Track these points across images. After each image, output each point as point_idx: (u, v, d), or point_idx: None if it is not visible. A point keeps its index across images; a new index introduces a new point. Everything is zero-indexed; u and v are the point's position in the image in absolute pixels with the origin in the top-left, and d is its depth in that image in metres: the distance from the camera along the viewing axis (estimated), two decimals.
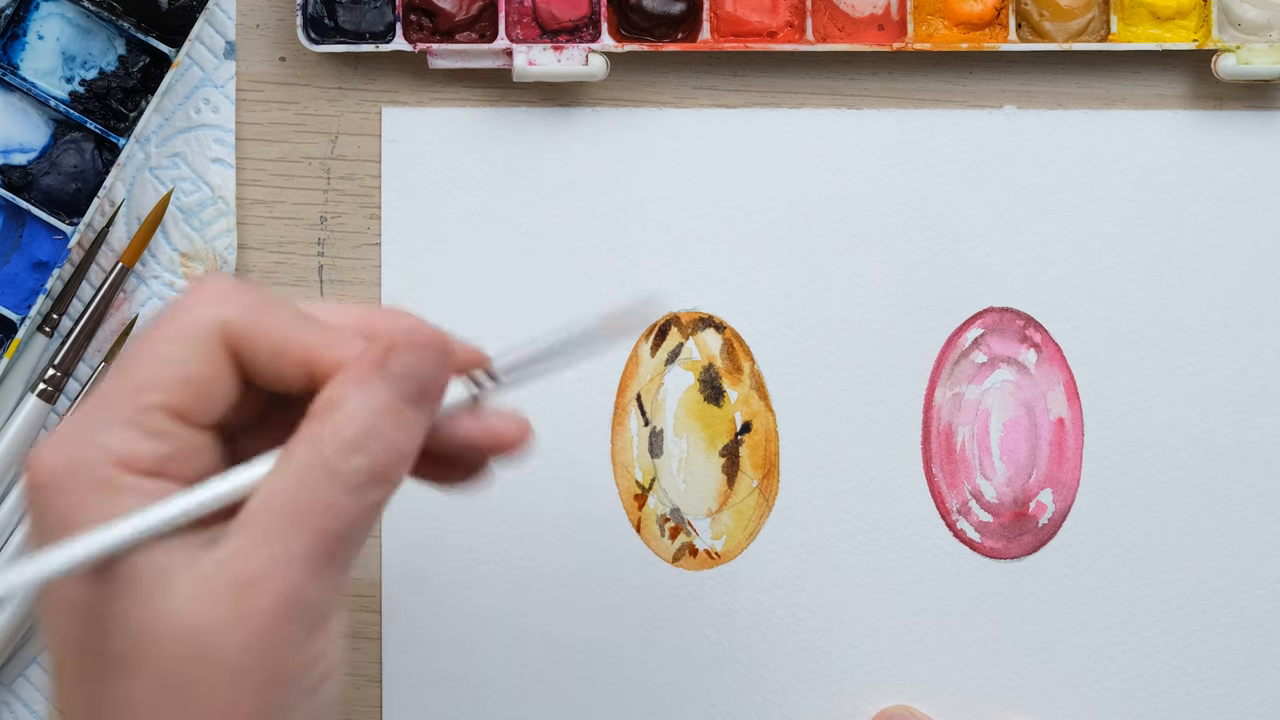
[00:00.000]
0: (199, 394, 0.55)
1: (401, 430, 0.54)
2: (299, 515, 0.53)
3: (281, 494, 0.53)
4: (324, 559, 0.53)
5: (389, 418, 0.54)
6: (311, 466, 0.53)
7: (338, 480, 0.53)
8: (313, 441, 0.54)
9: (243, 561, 0.53)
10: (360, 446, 0.54)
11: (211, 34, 0.71)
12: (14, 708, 0.71)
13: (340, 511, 0.53)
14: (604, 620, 0.71)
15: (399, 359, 0.55)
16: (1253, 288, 0.71)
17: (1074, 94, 0.72)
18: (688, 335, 0.71)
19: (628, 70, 0.72)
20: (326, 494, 0.53)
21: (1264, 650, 0.70)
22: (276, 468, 0.54)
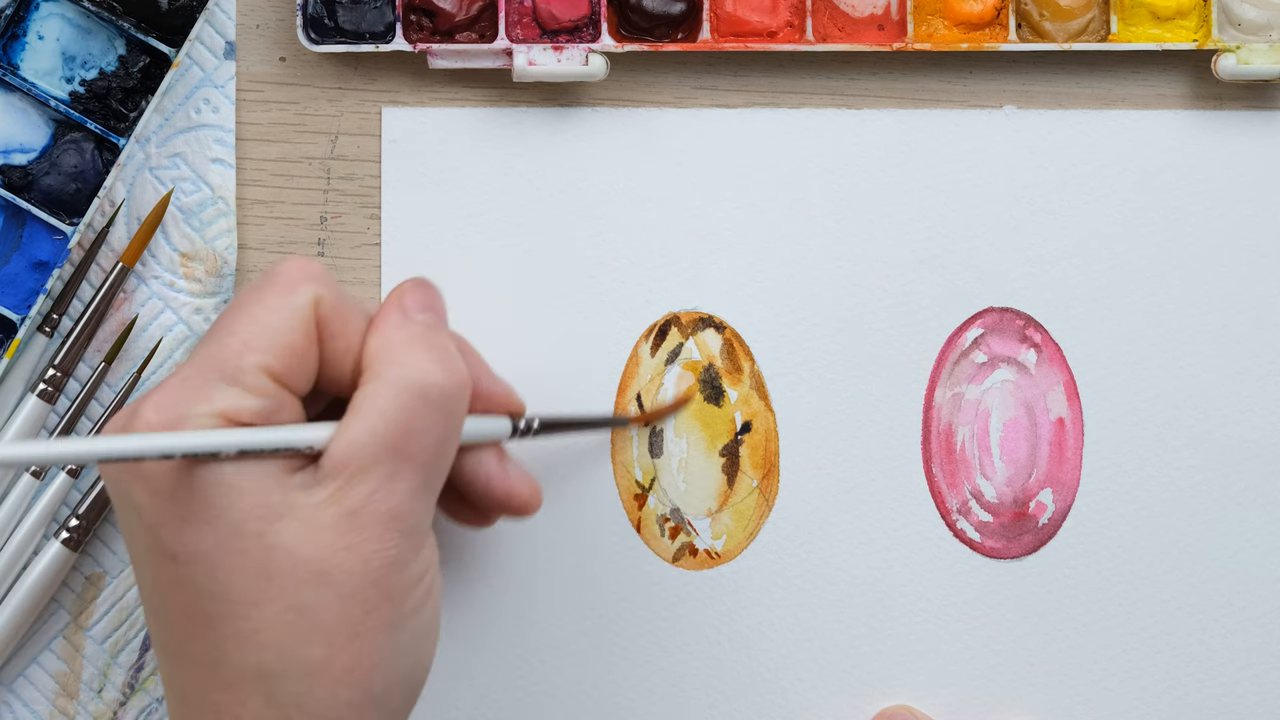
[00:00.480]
0: (297, 361, 0.60)
1: (448, 342, 0.61)
2: (396, 446, 0.58)
3: (372, 432, 0.58)
4: (421, 482, 0.59)
5: (436, 337, 0.61)
6: (397, 399, 0.59)
7: (426, 399, 0.59)
8: (387, 379, 0.59)
9: (347, 494, 0.58)
10: (436, 360, 0.60)
11: (211, 34, 0.71)
12: (14, 708, 0.71)
13: (432, 431, 0.59)
14: (604, 620, 0.71)
15: (411, 299, 0.62)
16: (1253, 288, 0.71)
17: (1074, 94, 0.72)
18: (688, 335, 0.71)
19: (628, 70, 0.72)
20: (418, 419, 0.59)
21: (1264, 650, 0.70)
22: (356, 414, 0.59)
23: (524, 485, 0.65)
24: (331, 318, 0.60)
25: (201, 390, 0.58)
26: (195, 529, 0.58)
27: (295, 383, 0.60)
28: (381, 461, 0.58)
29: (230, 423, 0.58)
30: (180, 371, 0.59)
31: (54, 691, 0.71)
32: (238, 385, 0.58)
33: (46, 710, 0.71)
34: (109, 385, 0.71)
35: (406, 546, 0.59)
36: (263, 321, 0.59)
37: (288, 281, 0.60)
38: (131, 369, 0.71)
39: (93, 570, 0.71)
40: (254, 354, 0.59)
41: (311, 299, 0.60)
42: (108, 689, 0.71)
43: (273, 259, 0.72)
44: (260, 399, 0.59)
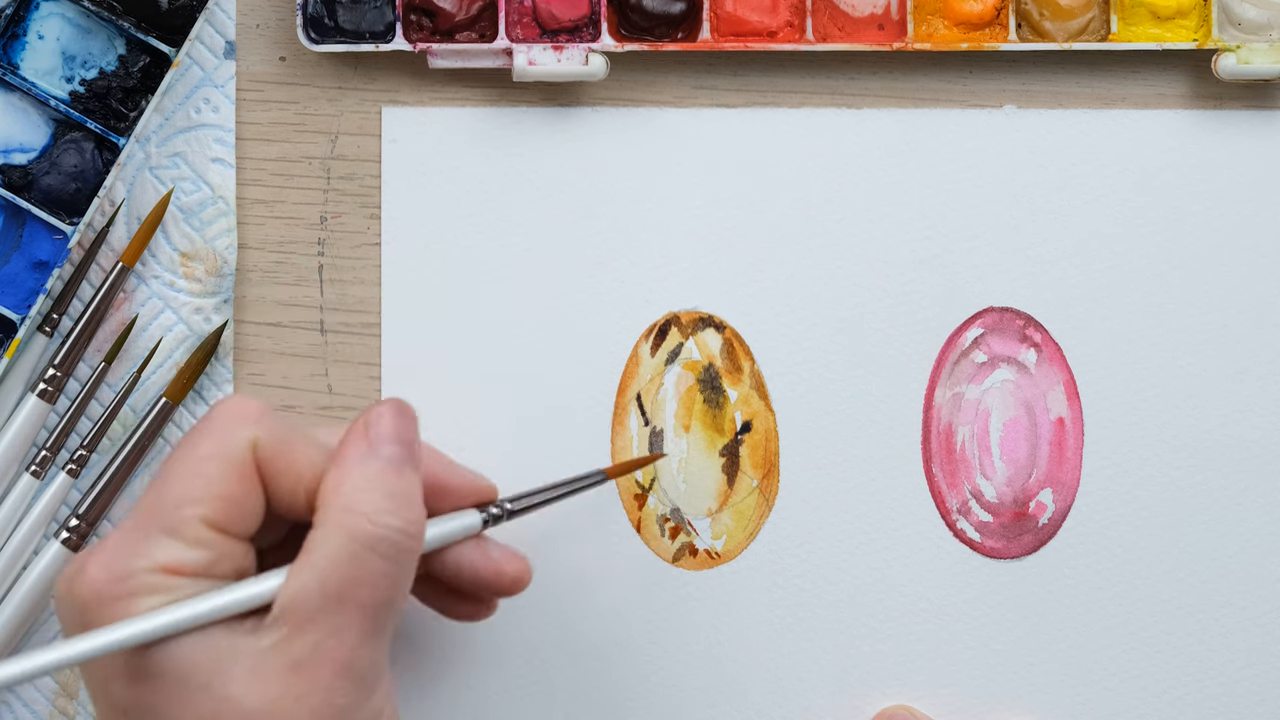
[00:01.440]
0: (236, 508, 0.59)
1: (410, 486, 0.60)
2: (343, 593, 0.58)
3: (319, 580, 0.58)
4: (372, 627, 0.58)
5: (396, 479, 0.60)
6: (345, 546, 0.58)
7: (374, 549, 0.58)
8: (337, 525, 0.58)
9: (295, 643, 0.57)
10: (386, 509, 0.59)
11: (211, 34, 0.71)
12: (14, 708, 0.71)
13: (380, 580, 0.58)
14: (604, 620, 0.71)
15: (377, 429, 0.60)
16: (1253, 288, 0.71)
17: (1074, 94, 0.72)
18: (688, 335, 0.71)
19: (628, 70, 0.72)
20: (365, 568, 0.58)
21: (1264, 650, 0.70)
22: (306, 560, 0.58)
23: (510, 563, 0.64)
24: (272, 458, 0.60)
25: (143, 545, 0.58)
26: (143, 684, 0.58)
27: (237, 529, 0.59)
28: (329, 611, 0.58)
29: (173, 575, 0.58)
30: (124, 524, 0.59)
31: (54, 691, 0.71)
32: (177, 538, 0.58)
33: (46, 710, 0.71)
34: (109, 385, 0.71)
35: (357, 694, 0.58)
36: (198, 472, 0.59)
37: (221, 426, 0.60)
38: (131, 369, 0.71)
39: None
40: (191, 506, 0.59)
41: (248, 444, 0.60)
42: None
43: (273, 259, 0.72)
44: (201, 550, 0.58)
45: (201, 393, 0.71)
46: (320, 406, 0.71)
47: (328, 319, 0.72)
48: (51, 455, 0.70)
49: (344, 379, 0.71)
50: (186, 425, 0.71)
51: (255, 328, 0.72)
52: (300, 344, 0.72)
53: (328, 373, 0.72)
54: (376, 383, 0.71)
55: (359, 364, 0.71)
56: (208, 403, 0.71)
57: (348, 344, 0.72)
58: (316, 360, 0.72)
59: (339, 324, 0.72)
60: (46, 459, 0.70)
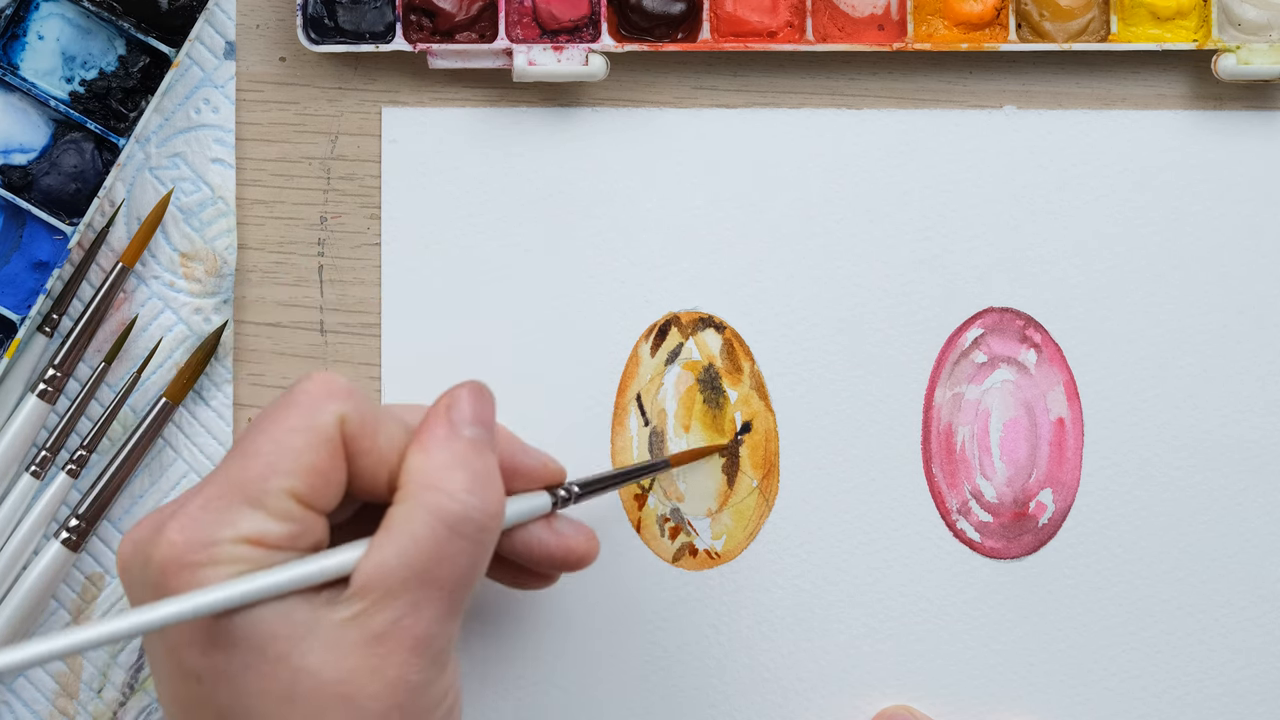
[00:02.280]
0: (322, 482, 0.59)
1: (491, 468, 0.60)
2: (426, 570, 0.58)
3: (401, 556, 0.58)
4: (448, 608, 0.59)
5: (479, 461, 0.60)
6: (429, 525, 0.58)
7: (458, 530, 0.59)
8: (421, 503, 0.59)
9: (374, 617, 0.58)
10: (472, 491, 0.59)
11: (211, 34, 0.71)
12: (14, 708, 0.71)
13: (461, 559, 0.59)
14: (604, 620, 0.71)
15: (459, 410, 0.61)
16: (1253, 288, 0.71)
17: (1074, 94, 0.72)
18: (688, 335, 0.71)
19: (628, 70, 0.72)
20: (448, 547, 0.59)
21: (1264, 650, 0.70)
22: (387, 536, 0.58)
23: (579, 539, 0.65)
24: (359, 435, 0.60)
25: (225, 514, 0.58)
26: (219, 651, 0.58)
27: (321, 503, 0.59)
28: (410, 587, 0.58)
29: (256, 546, 0.58)
30: (203, 491, 0.59)
31: (54, 691, 0.71)
32: (262, 509, 0.58)
33: (46, 710, 0.71)
34: (109, 385, 0.71)
35: (431, 670, 0.59)
36: (286, 444, 0.59)
37: (311, 401, 0.60)
38: (131, 369, 0.71)
39: (93, 570, 0.71)
40: (278, 477, 0.59)
41: (336, 418, 0.60)
42: (107, 689, 0.71)
43: (273, 259, 0.72)
44: (285, 523, 0.58)
45: (201, 393, 0.71)
46: None
47: (328, 319, 0.72)
48: (51, 455, 0.70)
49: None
50: (186, 425, 0.71)
51: (255, 328, 0.72)
52: (300, 344, 0.72)
53: None
54: (376, 383, 0.71)
55: (359, 364, 0.71)
56: (208, 403, 0.71)
57: (348, 344, 0.72)
58: (316, 360, 0.72)
59: (339, 324, 0.72)
60: (46, 459, 0.70)
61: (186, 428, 0.71)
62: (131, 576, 0.59)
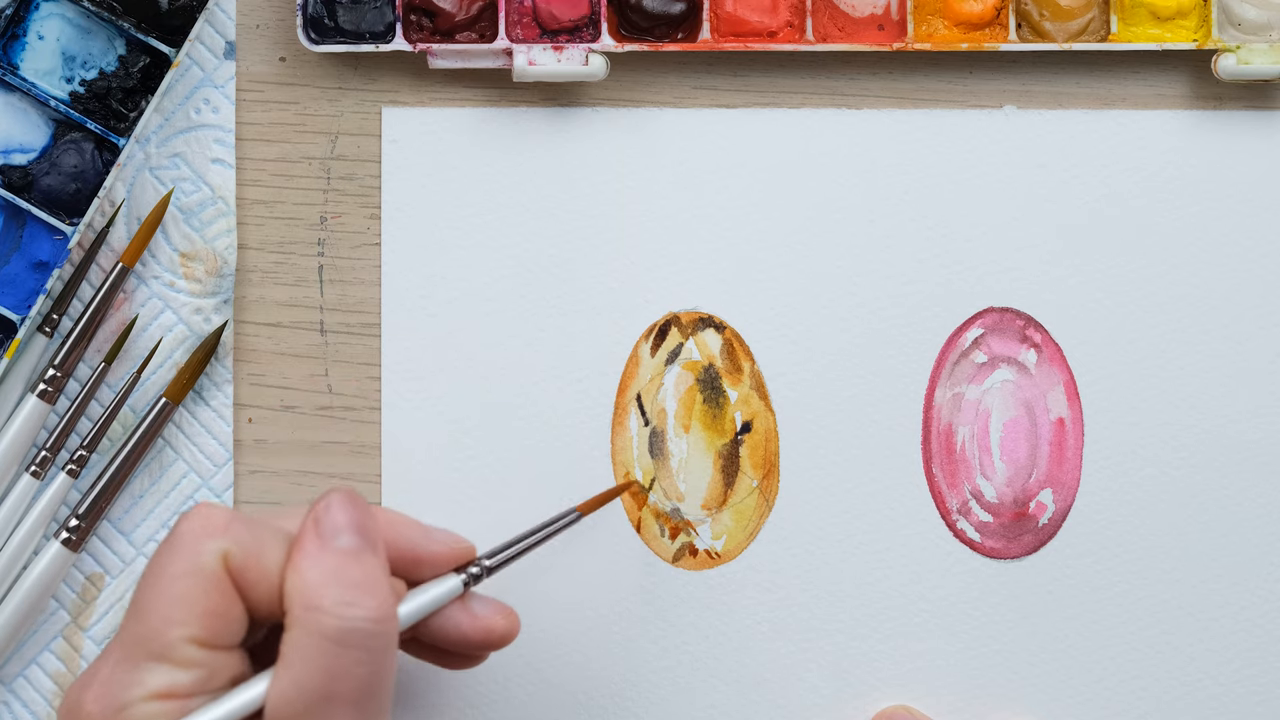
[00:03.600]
0: (219, 623, 0.59)
1: (368, 573, 0.59)
2: (324, 691, 0.58)
3: (297, 683, 0.58)
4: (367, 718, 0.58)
5: (353, 569, 0.59)
6: (315, 645, 0.58)
7: (344, 643, 0.58)
8: (303, 626, 0.58)
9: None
10: (347, 601, 0.58)
11: (211, 34, 0.71)
12: (14, 708, 0.71)
13: (356, 671, 0.58)
14: (604, 620, 0.71)
15: (326, 521, 0.60)
16: (1253, 288, 0.71)
17: (1074, 94, 0.72)
18: (688, 335, 0.71)
19: (628, 70, 0.72)
20: (339, 662, 0.58)
21: (1264, 650, 0.70)
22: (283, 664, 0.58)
23: (496, 619, 0.64)
24: (244, 567, 0.59)
25: (133, 674, 0.58)
26: None
27: (224, 641, 0.59)
28: (315, 712, 0.58)
29: (168, 700, 0.58)
30: (110, 655, 0.59)
31: (53, 692, 0.71)
32: (167, 662, 0.58)
33: (46, 710, 0.71)
34: (109, 385, 0.71)
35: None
36: (175, 593, 0.59)
37: (191, 542, 0.59)
38: (131, 369, 0.71)
39: (93, 570, 0.71)
40: (175, 628, 0.58)
41: (218, 557, 0.59)
42: None
43: (273, 259, 0.72)
44: (193, 670, 0.58)
45: (201, 393, 0.71)
46: (320, 406, 0.71)
47: (328, 319, 0.72)
48: (51, 455, 0.70)
49: (344, 379, 0.71)
50: (186, 425, 0.71)
51: (255, 328, 0.72)
52: (300, 344, 0.72)
53: (328, 373, 0.72)
54: (376, 383, 0.71)
55: (359, 364, 0.71)
56: (208, 403, 0.71)
57: (348, 344, 0.72)
58: (316, 360, 0.72)
59: (339, 324, 0.72)
60: (46, 459, 0.70)
61: (186, 428, 0.71)
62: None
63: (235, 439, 0.71)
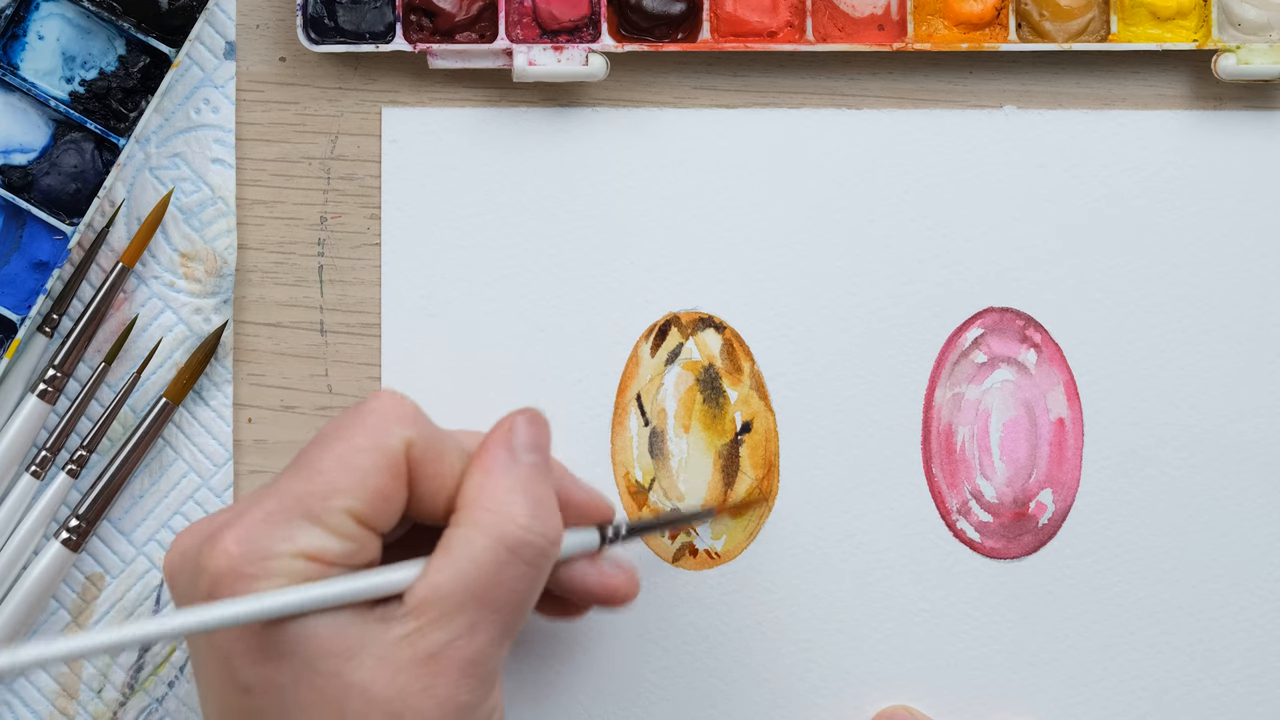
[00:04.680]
0: (383, 505, 0.59)
1: (551, 496, 0.61)
2: (484, 593, 0.58)
3: (459, 578, 0.58)
4: (501, 631, 0.59)
5: (540, 488, 0.60)
6: (489, 548, 0.59)
7: (518, 554, 0.59)
8: (482, 527, 0.59)
9: (428, 636, 0.58)
10: (536, 516, 0.59)
11: (211, 34, 0.71)
12: (14, 708, 0.71)
13: (519, 584, 0.59)
14: (604, 620, 0.71)
15: (519, 436, 0.61)
16: (1253, 288, 0.71)
17: (1074, 94, 0.72)
18: (688, 335, 0.71)
19: (628, 70, 0.72)
20: (507, 571, 0.59)
21: (1264, 650, 0.70)
22: (445, 557, 0.59)
23: (621, 578, 0.65)
24: (423, 460, 0.60)
25: (284, 528, 0.58)
26: (271, 662, 0.58)
27: (379, 524, 0.60)
28: (466, 609, 0.58)
29: (313, 562, 0.58)
30: (263, 504, 0.59)
31: (54, 692, 0.71)
32: (321, 526, 0.58)
33: (46, 710, 0.71)
34: (109, 385, 0.71)
35: (480, 691, 0.59)
36: (351, 464, 0.59)
37: (379, 422, 0.60)
38: (131, 369, 0.71)
39: (93, 570, 0.71)
40: (341, 497, 0.59)
41: (403, 442, 0.60)
42: (107, 689, 0.71)
43: (273, 259, 0.72)
44: (344, 541, 0.59)
45: (201, 393, 0.71)
46: (320, 407, 0.71)
47: (328, 319, 0.72)
48: (51, 455, 0.70)
49: (344, 379, 0.71)
50: (186, 425, 0.71)
51: (255, 328, 0.72)
52: (300, 344, 0.72)
53: (328, 373, 0.72)
54: (376, 383, 0.71)
55: (359, 364, 0.71)
56: (208, 403, 0.71)
57: (348, 344, 0.72)
58: (316, 360, 0.72)
59: (339, 324, 0.72)
60: (46, 459, 0.70)
61: (186, 428, 0.71)
62: (180, 585, 0.59)
63: (235, 439, 0.71)
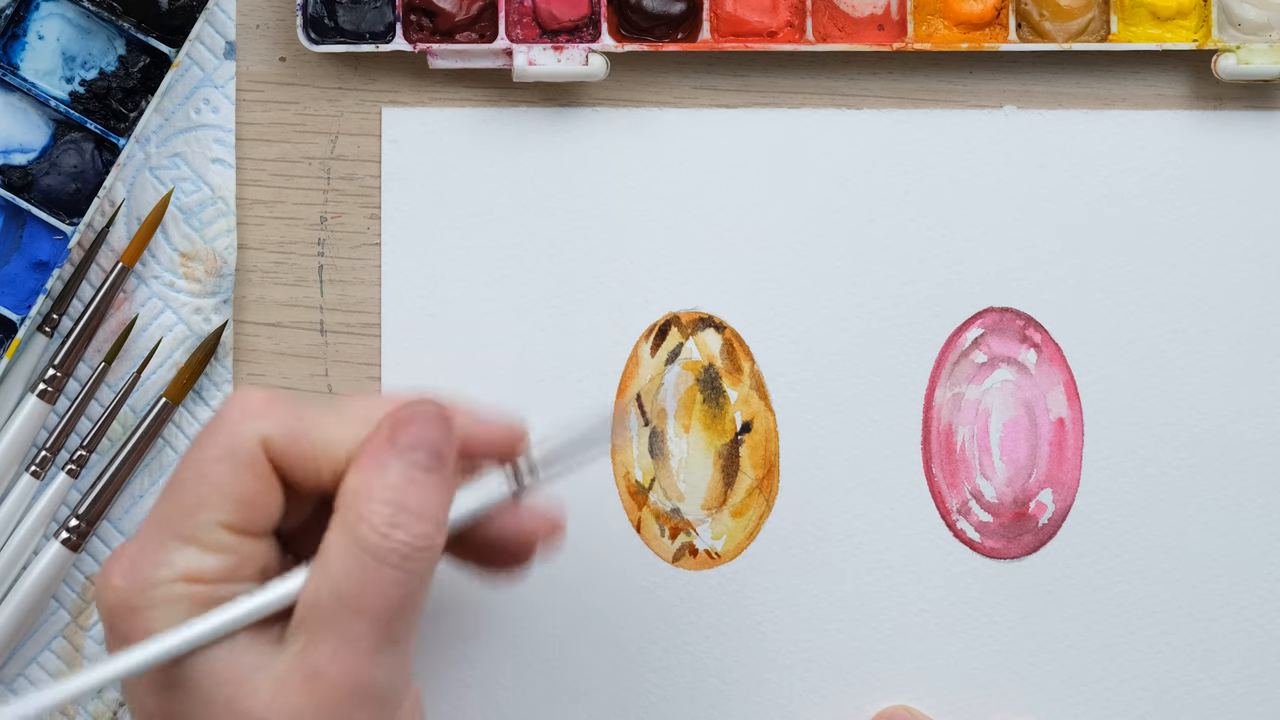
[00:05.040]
0: (252, 509, 0.58)
1: (427, 497, 0.57)
2: (353, 602, 0.56)
3: (331, 586, 0.56)
4: (385, 638, 0.57)
5: (412, 489, 0.57)
6: (354, 554, 0.57)
7: (382, 560, 0.56)
8: (348, 531, 0.57)
9: (311, 654, 0.56)
10: (395, 523, 0.57)
11: (211, 34, 0.71)
12: None
13: (390, 589, 0.57)
14: (603, 620, 0.71)
15: (405, 433, 0.58)
16: (1253, 288, 0.71)
17: (1074, 94, 0.72)
18: (688, 335, 0.71)
19: (628, 70, 0.72)
20: (374, 576, 0.56)
21: (1264, 650, 0.70)
22: (320, 563, 0.57)
23: (543, 517, 0.62)
24: (286, 450, 0.58)
25: (160, 554, 0.57)
26: (170, 694, 0.57)
27: (256, 528, 0.58)
28: (341, 619, 0.56)
29: (194, 583, 0.57)
30: (140, 534, 0.58)
31: None
32: (195, 545, 0.57)
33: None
34: (109, 385, 0.71)
35: (377, 711, 0.57)
36: (209, 475, 0.58)
37: (230, 425, 0.58)
38: (131, 369, 0.71)
39: (93, 570, 0.71)
40: (206, 511, 0.57)
41: (257, 441, 0.58)
42: (108, 689, 0.71)
43: (273, 259, 0.72)
44: (221, 555, 0.57)
45: (201, 393, 0.71)
46: None
47: (328, 319, 0.72)
48: (51, 455, 0.70)
49: (344, 379, 0.72)
50: (186, 425, 0.71)
51: (255, 328, 0.72)
52: (300, 344, 0.72)
53: (328, 373, 0.72)
54: (377, 383, 0.71)
55: (359, 364, 0.71)
56: (208, 403, 0.71)
57: (348, 344, 0.72)
58: (316, 360, 0.72)
59: (339, 324, 0.72)
60: (46, 459, 0.70)
61: (186, 428, 0.71)
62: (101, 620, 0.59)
63: None
